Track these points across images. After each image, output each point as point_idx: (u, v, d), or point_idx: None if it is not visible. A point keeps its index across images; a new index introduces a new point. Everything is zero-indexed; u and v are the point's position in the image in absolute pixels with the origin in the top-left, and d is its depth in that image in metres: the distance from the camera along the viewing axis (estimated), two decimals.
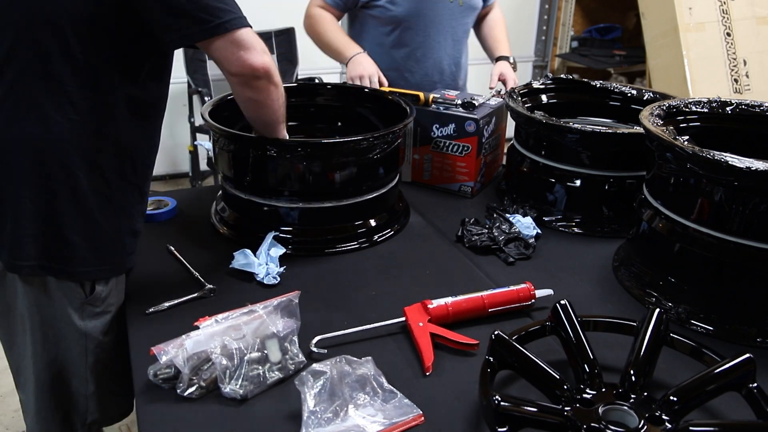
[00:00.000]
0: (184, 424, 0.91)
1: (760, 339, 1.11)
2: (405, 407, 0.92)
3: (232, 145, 1.36)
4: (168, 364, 0.95)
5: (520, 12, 4.62)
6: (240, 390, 0.94)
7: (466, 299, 1.14)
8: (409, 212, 1.58)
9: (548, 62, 4.73)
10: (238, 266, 1.25)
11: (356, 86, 1.70)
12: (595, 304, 1.22)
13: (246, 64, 1.07)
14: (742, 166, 0.99)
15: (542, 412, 0.84)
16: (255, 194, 1.38)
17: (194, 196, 1.72)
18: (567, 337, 0.98)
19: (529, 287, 1.18)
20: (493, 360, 0.92)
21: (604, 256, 1.39)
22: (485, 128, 1.62)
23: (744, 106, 1.36)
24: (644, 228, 1.25)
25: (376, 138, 1.33)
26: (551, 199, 1.52)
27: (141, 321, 1.13)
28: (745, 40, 3.18)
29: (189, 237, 1.43)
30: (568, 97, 1.75)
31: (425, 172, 1.72)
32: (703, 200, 1.10)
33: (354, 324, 1.10)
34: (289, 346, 1.01)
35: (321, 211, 1.37)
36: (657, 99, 1.59)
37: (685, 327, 1.15)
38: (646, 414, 0.85)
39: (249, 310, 1.02)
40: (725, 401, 0.93)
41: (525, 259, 1.37)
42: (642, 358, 0.94)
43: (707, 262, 1.13)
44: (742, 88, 3.16)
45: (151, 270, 1.28)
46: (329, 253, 1.38)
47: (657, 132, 1.14)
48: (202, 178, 3.81)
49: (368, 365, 0.95)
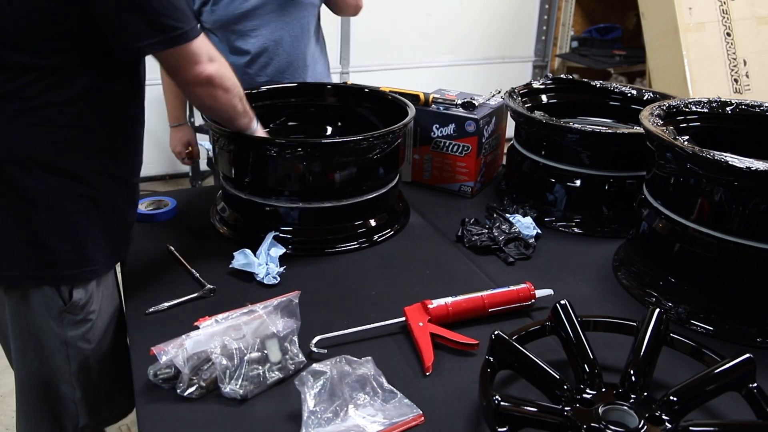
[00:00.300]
0: (184, 424, 0.91)
1: (760, 339, 1.11)
2: (405, 407, 0.92)
3: (232, 145, 1.36)
4: (168, 364, 0.95)
5: (520, 12, 4.62)
6: (240, 390, 0.94)
7: (466, 299, 1.14)
8: (409, 212, 1.58)
9: (548, 62, 4.73)
10: (238, 266, 1.25)
11: (356, 86, 1.70)
12: (595, 304, 1.22)
13: (190, 76, 1.08)
14: (742, 166, 0.99)
15: (542, 412, 0.84)
16: (255, 194, 1.38)
17: (194, 196, 1.72)
18: (567, 337, 0.98)
19: (529, 287, 1.18)
20: (493, 360, 0.92)
21: (604, 256, 1.39)
22: (485, 128, 1.62)
23: (744, 106, 1.36)
24: (644, 228, 1.25)
25: (376, 138, 1.33)
26: (551, 199, 1.52)
27: (141, 321, 1.13)
28: (745, 40, 3.18)
29: (189, 237, 1.43)
30: (568, 97, 1.75)
31: (425, 172, 1.72)
32: (703, 200, 1.10)
33: (354, 324, 1.10)
34: (289, 346, 1.01)
35: (321, 211, 1.37)
36: (657, 99, 1.59)
37: (685, 327, 1.15)
38: (646, 414, 0.85)
39: (249, 310, 1.02)
40: (725, 401, 0.93)
41: (525, 259, 1.37)
42: (642, 358, 0.94)
43: (707, 262, 1.13)
44: (742, 88, 3.16)
45: (151, 270, 1.28)
46: (329, 253, 1.38)
47: (657, 132, 1.14)
48: (202, 178, 3.81)
49: (368, 365, 0.95)
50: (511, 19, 4.62)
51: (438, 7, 4.30)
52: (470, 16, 4.41)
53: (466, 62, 4.49)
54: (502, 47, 4.68)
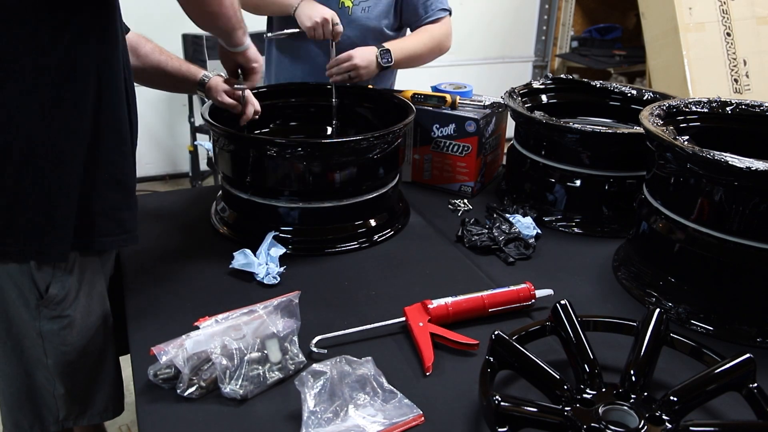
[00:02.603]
0: (184, 424, 0.91)
1: (760, 339, 1.11)
2: (405, 407, 0.92)
3: (232, 145, 1.36)
4: (168, 364, 0.95)
5: (520, 12, 4.63)
6: (240, 390, 0.94)
7: (466, 299, 1.14)
8: (409, 212, 1.58)
9: (548, 62, 4.74)
10: (238, 266, 1.25)
11: (356, 86, 1.70)
12: (595, 304, 1.22)
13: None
14: (742, 166, 0.99)
15: (542, 412, 0.84)
16: (255, 194, 1.38)
17: (194, 196, 1.72)
18: (567, 337, 0.98)
19: (529, 287, 1.18)
20: (493, 360, 0.92)
21: (604, 256, 1.39)
22: (485, 128, 1.62)
23: (744, 106, 1.36)
24: (644, 228, 1.25)
25: (376, 138, 1.33)
26: (551, 199, 1.52)
27: (141, 321, 1.13)
28: (745, 40, 3.18)
29: (189, 237, 1.43)
30: (568, 97, 1.75)
31: (425, 172, 1.72)
32: (703, 200, 1.10)
33: (354, 324, 1.10)
34: (289, 346, 1.01)
35: (321, 211, 1.37)
36: (657, 99, 1.59)
37: (685, 327, 1.15)
38: (646, 414, 0.85)
39: (249, 310, 1.02)
40: (725, 401, 0.93)
41: (525, 259, 1.37)
42: (642, 358, 0.94)
43: (707, 262, 1.13)
44: (742, 88, 3.16)
45: (151, 270, 1.28)
46: (329, 253, 1.38)
47: (657, 132, 1.14)
48: (202, 178, 3.81)
49: (368, 365, 0.95)
50: (511, 19, 4.62)
51: None
52: (470, 16, 4.42)
53: (466, 62, 4.49)
54: (502, 47, 4.68)
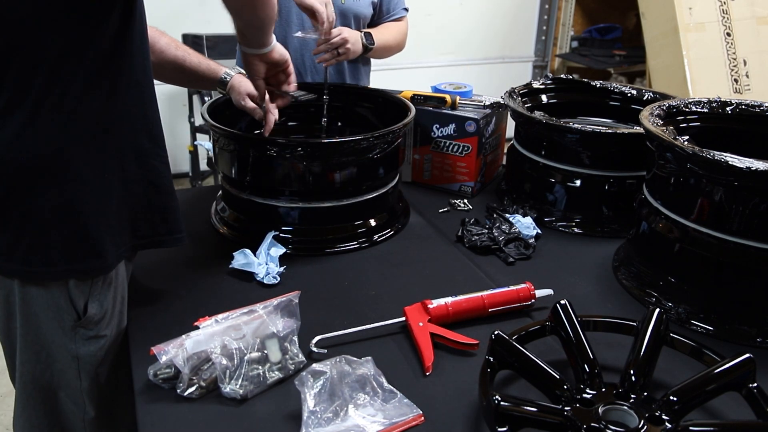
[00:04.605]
0: (184, 424, 0.91)
1: (760, 339, 1.11)
2: (405, 407, 0.92)
3: (232, 145, 1.36)
4: (168, 364, 0.95)
5: (520, 12, 4.63)
6: (240, 390, 0.94)
7: (466, 299, 1.14)
8: (409, 212, 1.58)
9: (548, 62, 4.74)
10: (238, 266, 1.25)
11: (356, 86, 1.70)
12: (595, 304, 1.22)
13: None
14: (742, 166, 0.99)
15: (542, 412, 0.84)
16: (255, 194, 1.38)
17: (194, 196, 1.72)
18: (567, 337, 0.98)
19: (529, 287, 1.18)
20: (493, 360, 0.92)
21: (604, 256, 1.39)
22: (485, 128, 1.62)
23: (744, 106, 1.36)
24: (644, 228, 1.25)
25: (376, 138, 1.33)
26: (551, 199, 1.52)
27: (141, 321, 1.13)
28: (745, 40, 3.18)
29: (189, 237, 1.42)
30: (568, 97, 1.75)
31: (425, 172, 1.72)
32: (703, 200, 1.10)
33: (354, 324, 1.10)
34: (289, 346, 1.01)
35: (321, 211, 1.37)
36: (657, 99, 1.59)
37: (685, 327, 1.15)
38: (646, 414, 0.85)
39: (249, 310, 1.02)
40: (725, 401, 0.93)
41: (525, 259, 1.37)
42: (642, 358, 0.94)
43: (707, 262, 1.13)
44: (742, 88, 3.16)
45: (151, 269, 1.28)
46: (329, 253, 1.38)
47: (657, 132, 1.14)
48: (202, 178, 3.81)
49: (368, 365, 0.95)
50: (511, 19, 4.62)
51: (438, 7, 4.31)
52: (470, 16, 4.42)
53: (466, 62, 4.50)
54: (502, 47, 4.69)
